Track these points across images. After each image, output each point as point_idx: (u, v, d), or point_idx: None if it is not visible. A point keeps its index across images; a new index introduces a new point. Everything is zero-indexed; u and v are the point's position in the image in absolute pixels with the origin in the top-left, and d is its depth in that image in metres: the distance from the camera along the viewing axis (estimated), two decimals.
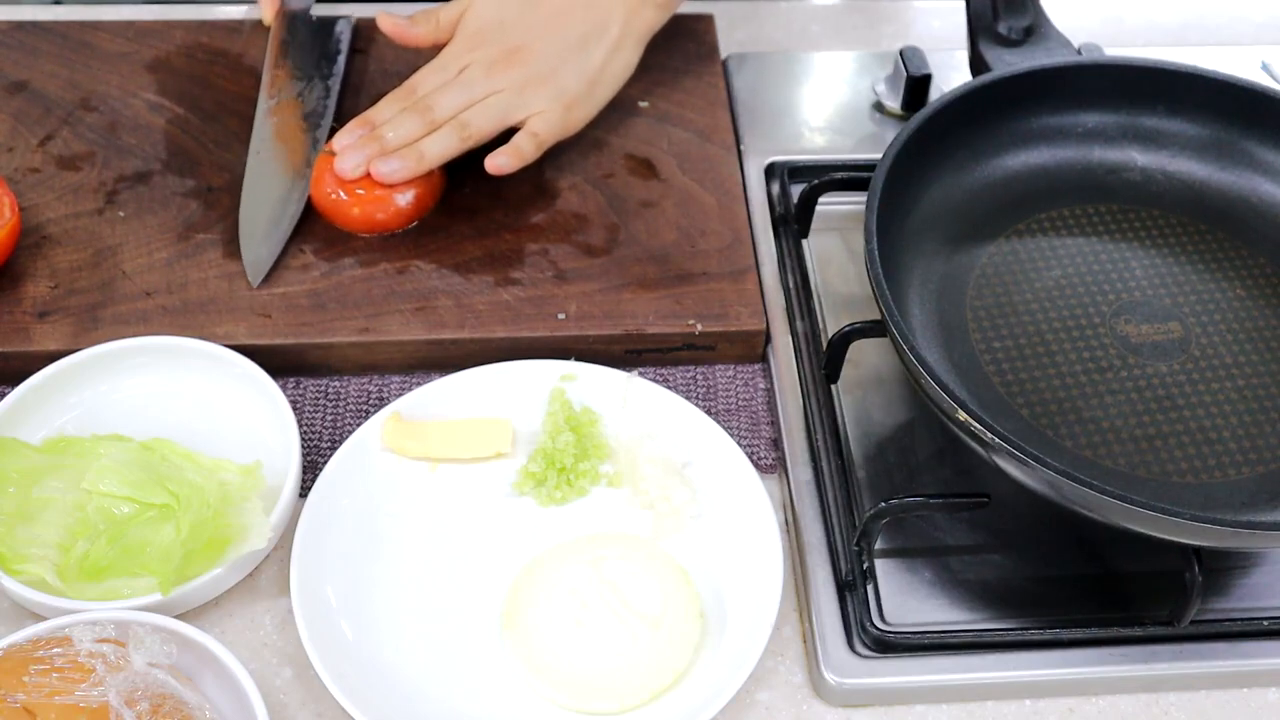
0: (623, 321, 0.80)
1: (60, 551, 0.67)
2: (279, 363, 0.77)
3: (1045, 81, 0.82)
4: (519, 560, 0.71)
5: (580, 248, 0.84)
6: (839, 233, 0.87)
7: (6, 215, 0.79)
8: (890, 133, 0.90)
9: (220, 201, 0.85)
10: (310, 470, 0.74)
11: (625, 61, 0.88)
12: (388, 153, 0.81)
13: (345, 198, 0.82)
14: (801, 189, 0.85)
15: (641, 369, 0.81)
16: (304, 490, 0.72)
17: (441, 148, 0.81)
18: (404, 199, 0.82)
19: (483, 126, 0.82)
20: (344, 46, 0.94)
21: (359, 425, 0.74)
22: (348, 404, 0.79)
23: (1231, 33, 1.09)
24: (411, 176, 0.81)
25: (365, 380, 0.80)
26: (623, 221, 0.86)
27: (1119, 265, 0.79)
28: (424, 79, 0.84)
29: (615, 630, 0.67)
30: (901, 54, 0.94)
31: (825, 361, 0.76)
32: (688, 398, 0.79)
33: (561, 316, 0.80)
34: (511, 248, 0.84)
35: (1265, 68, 1.02)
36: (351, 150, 0.81)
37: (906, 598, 0.70)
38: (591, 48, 0.85)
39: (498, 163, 0.82)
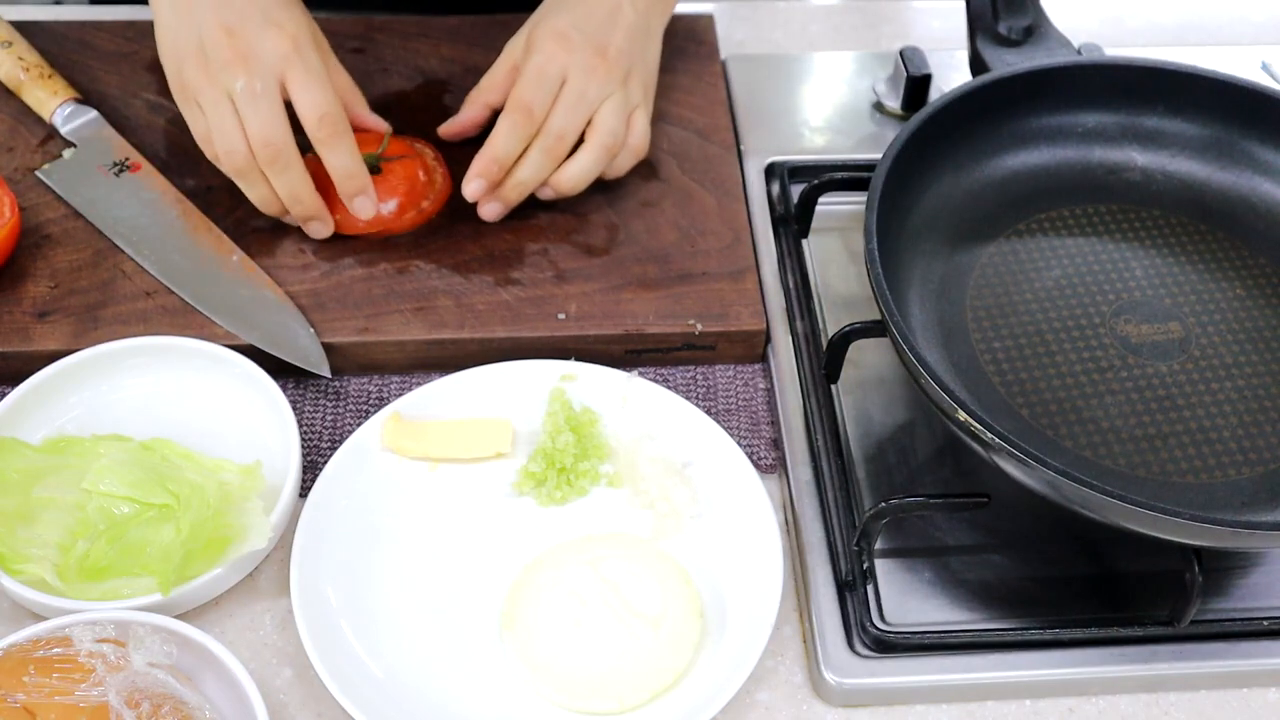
0: (623, 321, 0.80)
1: (60, 551, 0.67)
2: (279, 363, 0.77)
3: (1045, 81, 0.82)
4: (519, 560, 0.71)
5: (580, 248, 0.84)
6: (839, 233, 0.87)
7: (6, 215, 0.79)
8: (890, 133, 0.90)
9: (220, 201, 0.85)
10: (310, 470, 0.74)
11: (659, 54, 0.89)
12: (525, 194, 0.82)
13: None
14: (801, 189, 0.85)
15: (641, 369, 0.81)
16: (304, 490, 0.72)
17: (592, 173, 0.83)
18: (386, 207, 0.82)
19: (622, 132, 0.83)
20: None
21: (359, 425, 0.74)
22: (348, 404, 0.79)
23: (1231, 33, 1.09)
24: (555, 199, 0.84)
25: (365, 380, 0.80)
26: (623, 221, 0.86)
27: (1119, 265, 0.79)
28: (533, 96, 0.80)
29: (615, 630, 0.67)
30: (901, 54, 0.94)
31: (825, 361, 0.76)
32: (688, 398, 0.79)
33: (561, 316, 0.80)
34: (511, 248, 0.84)
35: (1265, 68, 1.02)
36: (494, 202, 0.82)
37: (906, 598, 0.70)
38: (648, 42, 0.86)
39: (615, 172, 0.84)
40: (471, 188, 0.81)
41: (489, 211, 0.83)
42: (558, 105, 0.81)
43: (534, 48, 0.82)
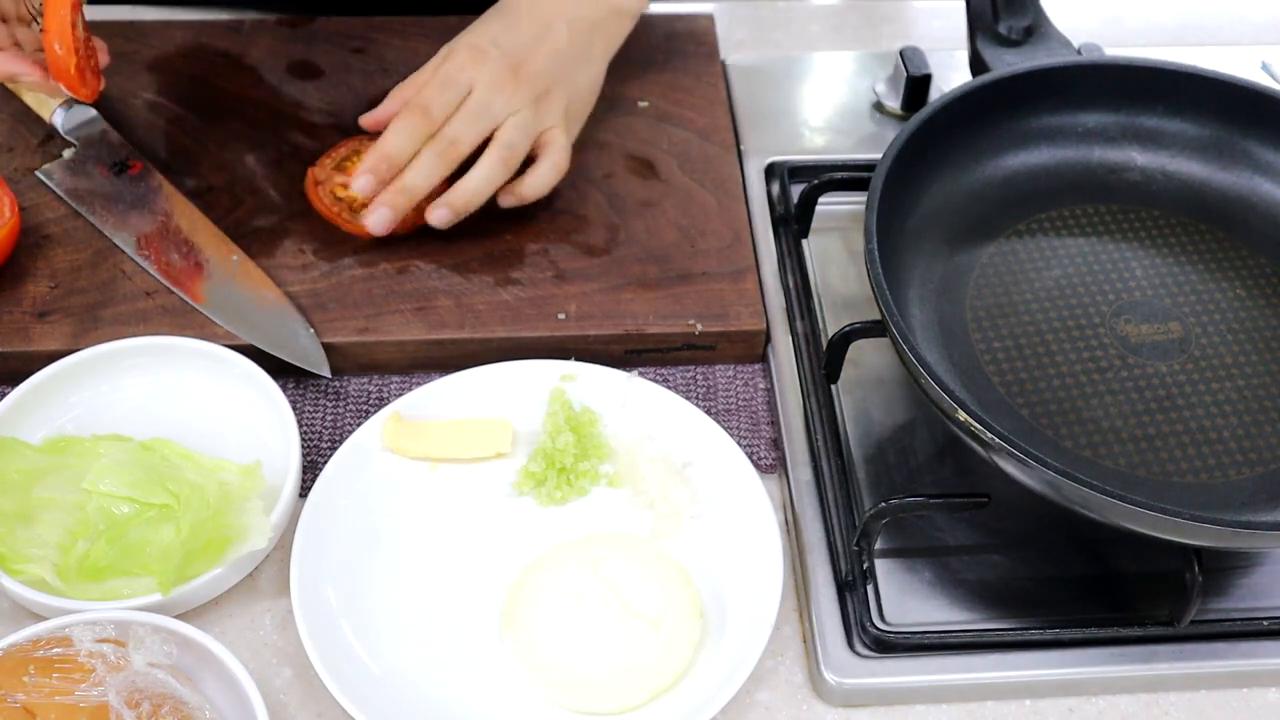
0: (623, 321, 0.80)
1: (60, 551, 0.67)
2: (279, 363, 0.77)
3: (1045, 81, 0.82)
4: (519, 560, 0.71)
5: (580, 248, 0.84)
6: (839, 233, 0.87)
7: (6, 215, 0.79)
8: (890, 133, 0.90)
9: (220, 201, 0.85)
10: (310, 470, 0.74)
11: (600, 77, 0.89)
12: (415, 201, 0.80)
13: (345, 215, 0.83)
14: (801, 189, 0.85)
15: (641, 369, 0.81)
16: (304, 490, 0.72)
17: (492, 183, 0.81)
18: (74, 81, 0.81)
19: (523, 151, 0.82)
20: None
21: (359, 425, 0.74)
22: (348, 404, 0.79)
23: (1231, 33, 1.09)
24: (466, 215, 0.81)
25: (365, 380, 0.80)
26: (623, 221, 0.86)
27: (1119, 265, 0.79)
28: (433, 98, 0.81)
29: (615, 630, 0.67)
30: (901, 54, 0.94)
31: (825, 361, 0.76)
32: (688, 398, 0.79)
33: (561, 316, 0.80)
34: (511, 248, 0.84)
35: (1265, 68, 1.02)
36: (381, 207, 0.80)
37: (906, 598, 0.70)
38: (579, 64, 0.86)
39: (535, 189, 0.82)
40: (359, 183, 0.80)
41: (375, 220, 0.80)
42: (458, 113, 0.81)
43: (449, 57, 0.83)
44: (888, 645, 0.67)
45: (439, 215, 0.80)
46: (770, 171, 0.91)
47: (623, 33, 0.89)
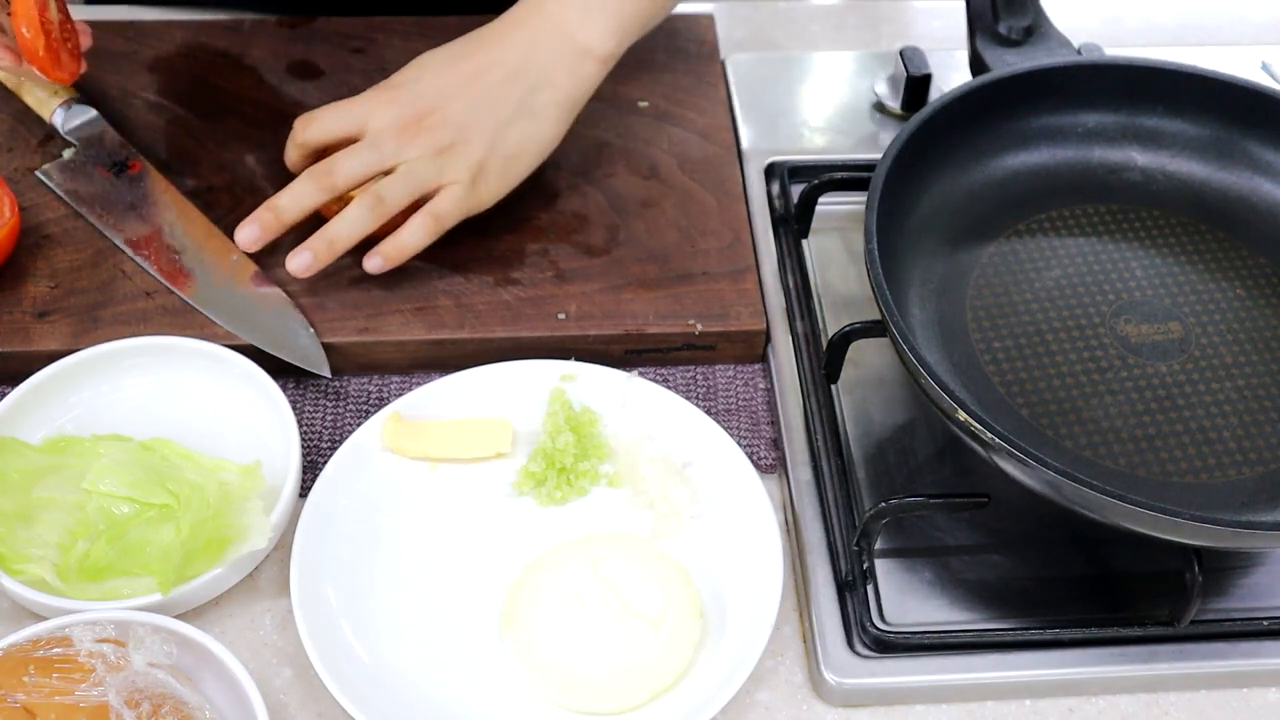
0: (623, 321, 0.80)
1: (60, 551, 0.67)
2: (279, 363, 0.77)
3: (1045, 81, 0.82)
4: (519, 560, 0.71)
5: (580, 248, 0.84)
6: (839, 233, 0.87)
7: (6, 215, 0.79)
8: (890, 133, 0.90)
9: (220, 201, 0.85)
10: (310, 470, 0.74)
11: (553, 134, 0.81)
12: (285, 224, 0.78)
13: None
14: (801, 189, 0.85)
15: (641, 369, 0.81)
16: (304, 490, 0.72)
17: (357, 230, 0.77)
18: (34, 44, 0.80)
19: (398, 201, 0.77)
20: None
21: (359, 425, 0.74)
22: (348, 404, 0.79)
23: (1231, 33, 1.09)
24: (324, 266, 0.78)
25: (365, 380, 0.80)
26: (623, 221, 0.86)
27: (1119, 265, 0.79)
28: (316, 117, 0.80)
29: (615, 630, 0.67)
30: (901, 54, 0.94)
31: (825, 361, 0.76)
32: (688, 398, 0.79)
33: (561, 316, 0.80)
34: (511, 248, 0.84)
35: (1265, 68, 1.02)
36: (252, 224, 0.78)
37: (906, 598, 0.70)
38: (514, 117, 0.79)
39: (400, 247, 0.78)
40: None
41: (243, 237, 0.78)
42: (349, 147, 0.78)
43: (375, 87, 0.81)
44: (888, 645, 0.67)
45: (298, 261, 0.77)
46: (770, 171, 0.91)
47: (588, 78, 0.81)
